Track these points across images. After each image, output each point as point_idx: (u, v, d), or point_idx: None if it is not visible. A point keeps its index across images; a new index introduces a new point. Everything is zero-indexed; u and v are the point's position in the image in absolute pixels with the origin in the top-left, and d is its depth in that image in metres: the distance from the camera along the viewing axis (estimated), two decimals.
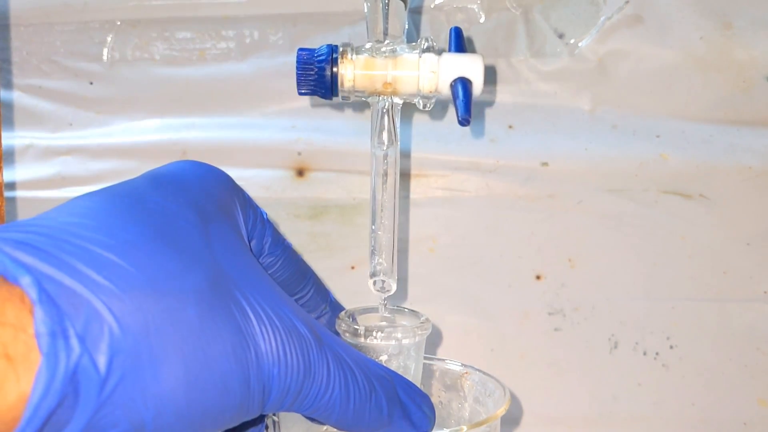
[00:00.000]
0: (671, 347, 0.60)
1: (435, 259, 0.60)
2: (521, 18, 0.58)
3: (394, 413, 0.33)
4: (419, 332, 0.38)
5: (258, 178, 0.59)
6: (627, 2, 0.57)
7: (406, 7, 0.40)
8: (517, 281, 0.60)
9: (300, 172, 0.60)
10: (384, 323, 0.40)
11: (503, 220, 0.60)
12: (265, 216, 0.37)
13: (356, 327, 0.38)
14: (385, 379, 0.33)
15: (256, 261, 0.32)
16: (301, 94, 0.39)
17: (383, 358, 0.38)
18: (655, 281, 0.59)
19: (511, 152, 0.59)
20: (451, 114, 0.59)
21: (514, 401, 0.60)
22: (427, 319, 0.39)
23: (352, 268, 0.60)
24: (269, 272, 0.38)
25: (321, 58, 0.38)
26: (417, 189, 0.60)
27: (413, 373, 0.39)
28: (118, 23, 0.59)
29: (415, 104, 0.40)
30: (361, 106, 0.58)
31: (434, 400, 0.42)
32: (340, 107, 0.59)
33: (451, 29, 0.41)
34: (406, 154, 0.59)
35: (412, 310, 0.41)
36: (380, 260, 0.40)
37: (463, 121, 0.37)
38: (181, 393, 0.27)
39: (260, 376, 0.28)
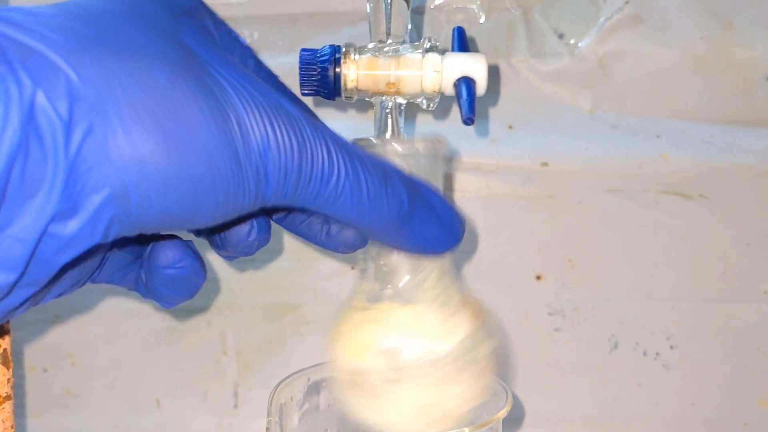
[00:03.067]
0: (671, 347, 0.60)
1: None
2: (521, 18, 0.58)
3: (416, 204, 0.31)
4: (438, 145, 0.36)
5: None
6: (627, 2, 0.57)
7: (408, 7, 0.40)
8: (517, 281, 0.60)
9: None
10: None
11: (503, 220, 0.59)
12: (243, 41, 0.34)
13: (369, 139, 0.35)
14: (400, 172, 0.31)
15: (232, 57, 0.30)
16: (304, 94, 0.39)
17: None
18: (655, 281, 0.59)
19: (511, 152, 0.59)
20: (452, 114, 0.59)
21: (515, 402, 0.60)
22: (443, 138, 0.37)
23: (352, 268, 0.60)
24: None
25: (324, 58, 0.38)
26: None
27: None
28: None
29: (418, 104, 0.39)
30: (364, 106, 0.58)
31: None
32: (342, 107, 0.58)
33: (454, 29, 0.41)
34: None
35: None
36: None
37: (468, 121, 0.37)
38: (161, 157, 0.25)
39: (249, 152, 0.27)
